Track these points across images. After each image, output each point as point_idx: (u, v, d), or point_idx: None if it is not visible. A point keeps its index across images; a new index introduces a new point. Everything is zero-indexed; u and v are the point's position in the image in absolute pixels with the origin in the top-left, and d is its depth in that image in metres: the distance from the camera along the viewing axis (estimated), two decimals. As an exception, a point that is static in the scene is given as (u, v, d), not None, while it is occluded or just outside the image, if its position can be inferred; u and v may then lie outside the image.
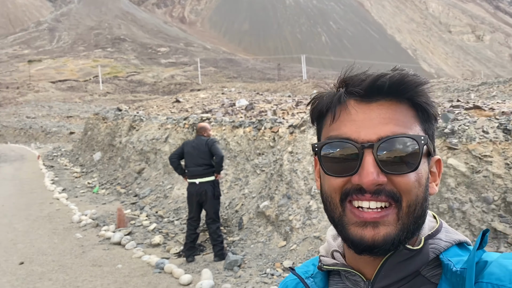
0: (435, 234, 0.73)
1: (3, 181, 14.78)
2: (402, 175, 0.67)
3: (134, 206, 9.79)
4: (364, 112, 0.70)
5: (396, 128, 0.68)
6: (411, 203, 0.68)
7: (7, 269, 5.95)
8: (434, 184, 0.76)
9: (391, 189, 0.67)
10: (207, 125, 6.32)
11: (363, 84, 0.71)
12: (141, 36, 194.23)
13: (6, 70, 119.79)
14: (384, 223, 0.67)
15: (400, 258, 0.70)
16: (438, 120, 0.81)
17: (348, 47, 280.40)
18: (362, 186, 0.67)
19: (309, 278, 0.81)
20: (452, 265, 0.67)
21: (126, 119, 15.65)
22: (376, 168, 0.66)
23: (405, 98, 0.71)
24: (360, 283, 0.74)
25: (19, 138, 42.57)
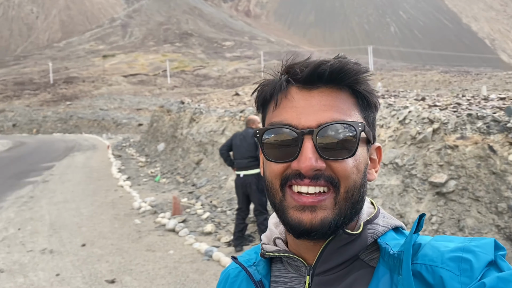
0: (373, 220, 0.76)
1: (75, 169, 15.87)
2: (340, 161, 0.69)
3: (191, 195, 10.11)
4: (305, 99, 0.72)
5: (336, 114, 0.70)
6: (349, 188, 0.70)
7: (71, 250, 6.41)
8: (374, 171, 0.78)
9: (330, 175, 0.69)
10: (256, 118, 6.35)
11: (304, 71, 0.72)
12: (207, 31, 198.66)
13: (83, 64, 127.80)
14: (321, 207, 0.69)
15: (340, 243, 0.72)
16: (379, 108, 0.82)
17: (419, 37, 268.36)
18: (301, 172, 0.69)
19: (252, 266, 0.82)
20: (390, 248, 0.70)
21: (188, 111, 16.14)
22: (315, 153, 0.68)
23: (346, 86, 0.73)
24: (301, 268, 0.77)
25: (92, 129, 45.39)
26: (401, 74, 57.80)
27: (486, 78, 44.29)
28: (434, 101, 10.97)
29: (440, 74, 54.43)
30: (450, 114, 6.47)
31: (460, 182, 5.34)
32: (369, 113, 0.76)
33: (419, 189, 5.68)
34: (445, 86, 42.09)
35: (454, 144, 5.63)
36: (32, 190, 11.60)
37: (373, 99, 0.75)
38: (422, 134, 6.11)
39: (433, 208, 5.41)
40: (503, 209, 4.78)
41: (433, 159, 5.75)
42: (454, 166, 5.47)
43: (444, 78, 50.33)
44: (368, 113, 0.76)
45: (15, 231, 7.55)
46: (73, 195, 10.70)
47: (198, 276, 5.28)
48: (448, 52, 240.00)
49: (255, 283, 0.79)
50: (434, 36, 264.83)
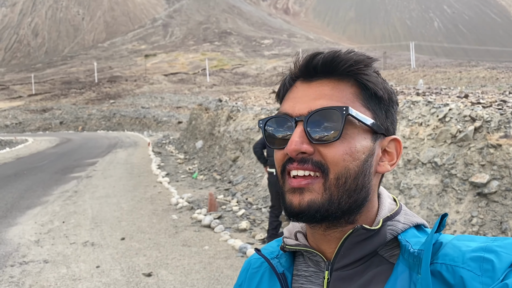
0: (394, 216, 0.76)
1: (116, 165, 16.38)
2: (329, 146, 0.70)
3: (227, 192, 10.22)
4: (304, 90, 0.75)
5: (328, 102, 0.72)
6: (340, 175, 0.70)
7: (111, 243, 6.63)
8: (388, 163, 0.77)
9: (319, 160, 0.70)
10: None
11: (301, 66, 0.76)
12: (246, 29, 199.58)
13: (126, 64, 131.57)
14: (309, 190, 0.71)
15: (358, 238, 0.72)
16: (397, 103, 0.81)
17: (464, 32, 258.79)
18: (289, 155, 0.72)
19: (275, 259, 0.83)
20: (410, 246, 0.69)
21: (225, 109, 16.30)
22: (302, 137, 0.70)
23: (346, 76, 0.74)
24: (320, 263, 0.77)
25: (134, 127, 46.69)
26: (444, 71, 55.96)
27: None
28: (478, 99, 10.57)
29: (486, 71, 52.29)
30: (493, 112, 6.21)
31: (503, 182, 5.13)
32: (377, 104, 0.76)
33: (459, 189, 5.50)
34: (492, 82, 40.43)
35: (497, 143, 5.41)
36: (76, 185, 12.08)
37: (377, 90, 0.74)
38: (463, 133, 5.91)
39: (474, 209, 5.23)
40: (550, 211, 4.55)
41: (474, 159, 5.55)
42: (497, 166, 5.26)
43: (491, 75, 48.32)
44: (375, 104, 0.75)
45: (60, 224, 7.90)
46: (114, 190, 11.05)
47: (232, 272, 5.34)
48: (496, 48, 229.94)
49: (278, 275, 0.80)
50: (480, 31, 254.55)
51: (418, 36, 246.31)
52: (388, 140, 0.78)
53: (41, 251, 6.36)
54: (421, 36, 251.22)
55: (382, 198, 0.79)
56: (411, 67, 71.16)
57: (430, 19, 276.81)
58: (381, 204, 0.78)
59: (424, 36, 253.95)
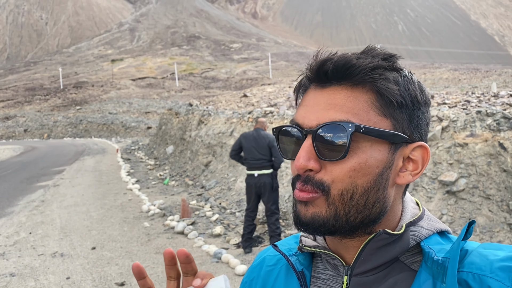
0: (417, 222, 0.72)
1: (84, 173, 15.98)
2: (336, 163, 0.66)
3: (200, 197, 10.12)
4: (316, 97, 0.71)
5: (337, 114, 0.67)
6: (345, 191, 0.66)
7: (81, 253, 6.44)
8: (410, 173, 0.71)
9: (320, 179, 0.67)
10: (265, 120, 6.46)
11: (313, 70, 0.71)
12: (214, 33, 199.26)
13: (92, 69, 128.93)
14: (312, 204, 0.68)
15: (380, 243, 0.69)
16: (428, 103, 0.73)
17: (427, 35, 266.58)
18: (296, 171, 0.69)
19: (293, 256, 0.80)
20: (434, 253, 0.66)
21: (196, 113, 16.18)
22: (310, 153, 0.67)
23: (362, 82, 0.68)
24: (339, 268, 0.74)
25: (102, 133, 45.74)
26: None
27: (496, 75, 43.87)
28: (443, 99, 10.90)
29: (449, 72, 54.01)
30: (459, 112, 6.40)
31: (471, 180, 5.28)
32: (396, 110, 0.68)
33: (428, 188, 5.63)
34: (455, 83, 41.76)
35: (464, 142, 5.57)
36: (43, 194, 11.69)
37: (394, 97, 0.67)
38: (431, 133, 6.05)
39: (443, 207, 5.36)
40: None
41: (442, 158, 5.70)
42: (464, 164, 5.41)
43: (453, 76, 49.93)
44: (394, 110, 0.68)
45: (26, 235, 7.61)
46: (83, 198, 10.76)
47: (207, 278, 5.28)
48: (457, 50, 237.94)
49: (297, 273, 0.77)
50: (442, 33, 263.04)
51: (383, 39, 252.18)
52: (412, 147, 0.71)
53: (7, 264, 6.11)
54: (386, 39, 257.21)
55: (405, 202, 0.76)
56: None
57: (394, 23, 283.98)
58: (404, 208, 0.75)
59: (389, 39, 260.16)
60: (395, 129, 0.68)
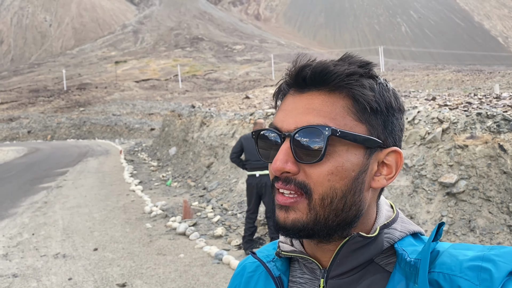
0: (391, 224, 0.74)
1: (87, 174, 16.04)
2: (313, 166, 0.68)
3: (202, 198, 10.15)
4: (294, 102, 0.72)
5: (315, 118, 0.69)
6: (325, 195, 0.68)
7: (83, 254, 6.48)
8: (385, 177, 0.74)
9: (302, 181, 0.69)
10: (263, 121, 6.47)
11: (292, 76, 0.74)
12: (217, 35, 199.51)
13: (96, 71, 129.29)
14: (294, 209, 0.70)
15: (354, 246, 0.71)
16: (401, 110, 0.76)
17: (430, 36, 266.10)
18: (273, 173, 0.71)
19: (271, 262, 0.82)
20: (406, 255, 0.68)
21: (199, 115, 16.23)
22: (287, 156, 0.69)
23: (338, 88, 0.70)
24: (316, 271, 0.76)
25: (105, 134, 45.89)
26: (412, 74, 57.33)
27: (500, 76, 43.73)
28: (445, 101, 10.88)
29: (452, 73, 53.85)
30: (459, 114, 6.41)
31: (471, 182, 5.29)
32: (372, 116, 0.71)
33: (429, 189, 5.64)
34: (458, 85, 41.66)
35: (464, 143, 5.58)
36: (46, 195, 11.76)
37: (370, 103, 0.69)
38: (431, 134, 6.07)
39: (444, 208, 5.37)
40: (515, 208, 4.72)
41: (442, 159, 5.71)
42: (464, 166, 5.42)
43: (456, 77, 49.79)
44: (369, 116, 0.70)
45: (29, 236, 7.67)
46: (86, 200, 10.82)
47: (208, 279, 5.31)
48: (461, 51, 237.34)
49: (274, 279, 0.79)
50: (446, 35, 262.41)
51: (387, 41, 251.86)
52: (386, 152, 0.73)
53: (9, 265, 6.16)
54: (389, 40, 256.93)
55: (379, 205, 0.77)
56: (381, 71, 72.60)
57: (397, 24, 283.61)
58: (379, 211, 0.76)
59: (392, 40, 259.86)
60: (370, 134, 0.70)
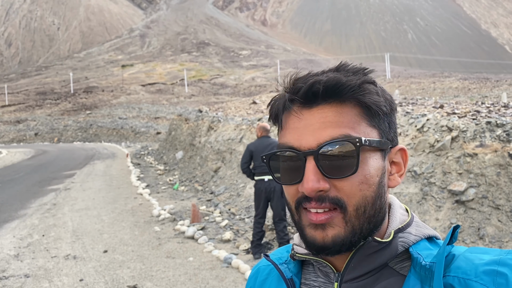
0: (406, 228, 0.75)
1: (95, 177, 16.15)
2: (344, 180, 0.69)
3: (209, 203, 10.21)
4: (305, 118, 0.72)
5: (335, 131, 0.69)
6: (359, 205, 0.70)
7: (93, 256, 6.55)
8: (398, 175, 0.77)
9: (335, 196, 0.69)
10: (267, 125, 6.49)
11: (300, 91, 0.72)
12: (224, 40, 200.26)
13: (102, 74, 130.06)
14: (331, 225, 0.70)
15: (369, 251, 0.72)
16: (397, 109, 0.79)
17: (436, 44, 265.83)
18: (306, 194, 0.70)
19: (283, 264, 0.82)
20: (422, 258, 0.69)
21: (206, 120, 16.32)
22: (317, 174, 0.68)
23: (348, 98, 0.71)
24: (330, 274, 0.77)
25: (111, 138, 46.11)
26: (419, 82, 57.28)
27: (507, 84, 43.62)
28: (453, 109, 10.90)
29: (459, 81, 53.78)
30: (469, 122, 6.45)
31: (480, 190, 5.32)
32: (381, 120, 0.74)
33: (438, 197, 5.67)
34: (464, 93, 41.61)
35: (473, 152, 5.61)
36: (54, 197, 11.86)
37: (381, 108, 0.73)
38: (440, 142, 6.10)
39: (453, 216, 5.39)
40: (524, 217, 4.74)
41: (452, 167, 5.74)
42: (474, 174, 5.45)
43: (463, 85, 49.72)
44: (379, 120, 0.74)
45: (40, 237, 7.75)
46: (94, 202, 10.91)
47: (217, 283, 5.35)
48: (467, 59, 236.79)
49: (286, 280, 0.79)
50: (452, 42, 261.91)
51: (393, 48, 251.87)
52: (394, 151, 0.77)
53: (21, 266, 6.23)
54: (395, 47, 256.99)
55: (393, 209, 0.78)
56: (387, 78, 72.58)
57: (404, 31, 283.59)
58: (392, 215, 0.77)
59: (399, 47, 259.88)
60: (382, 137, 0.73)
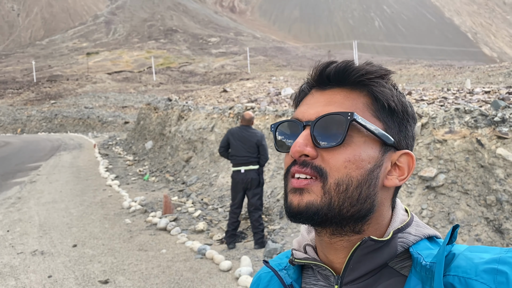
0: (405, 228, 0.74)
1: (62, 169, 15.68)
2: (332, 152, 0.71)
3: (181, 193, 10.08)
4: (317, 97, 0.77)
5: (337, 108, 0.73)
6: (341, 181, 0.70)
7: (62, 251, 6.35)
8: (397, 178, 0.76)
9: (319, 165, 0.71)
10: (252, 114, 6.44)
11: (315, 74, 0.78)
12: (192, 27, 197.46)
13: (66, 62, 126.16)
14: (308, 191, 0.71)
15: (366, 250, 0.71)
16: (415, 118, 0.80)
17: (402, 31, 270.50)
18: (292, 156, 0.72)
19: (282, 270, 0.82)
20: (422, 258, 0.68)
21: (176, 109, 16.06)
22: (307, 140, 0.71)
23: (359, 86, 0.75)
24: (330, 278, 0.76)
25: (78, 128, 44.91)
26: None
27: (469, 71, 44.93)
28: (421, 96, 11.11)
29: (424, 68, 55.07)
30: (437, 109, 6.55)
31: (450, 176, 5.43)
32: (388, 116, 0.75)
33: (409, 183, 5.76)
34: (430, 79, 42.57)
35: (443, 138, 5.71)
36: (19, 191, 11.43)
37: (388, 101, 0.74)
38: (411, 129, 6.18)
39: (423, 202, 5.49)
40: (492, 201, 4.87)
41: (422, 154, 5.83)
42: (443, 160, 5.55)
43: (428, 72, 50.91)
44: (386, 115, 0.75)
45: (4, 233, 7.45)
46: (61, 195, 10.58)
47: (192, 274, 5.28)
48: (432, 46, 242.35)
49: (286, 286, 0.79)
50: (417, 30, 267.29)
51: (360, 35, 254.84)
52: (399, 154, 0.76)
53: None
54: (363, 35, 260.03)
55: (396, 210, 0.78)
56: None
57: (371, 19, 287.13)
58: (394, 215, 0.77)
59: (366, 35, 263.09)
60: (385, 131, 0.74)
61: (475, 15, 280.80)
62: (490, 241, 4.70)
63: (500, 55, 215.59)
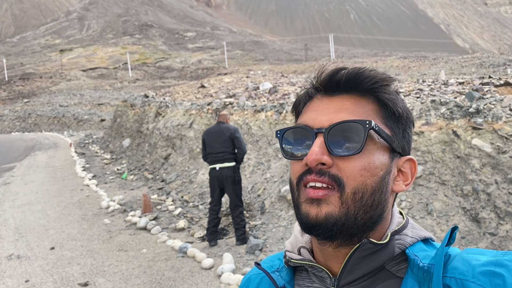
0: (402, 230, 0.75)
1: (37, 169, 15.32)
2: (347, 160, 0.70)
3: (161, 191, 9.97)
4: (325, 103, 0.76)
5: (349, 116, 0.72)
6: (357, 189, 0.69)
7: (39, 254, 6.20)
8: (403, 183, 0.77)
9: (336, 173, 0.70)
10: (227, 113, 6.45)
11: (325, 79, 0.77)
12: (168, 22, 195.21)
13: (39, 60, 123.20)
14: (326, 202, 0.70)
15: (365, 253, 0.71)
16: (414, 123, 0.82)
17: (377, 24, 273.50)
18: (308, 165, 0.71)
19: (275, 272, 0.82)
20: (419, 260, 0.69)
21: (153, 105, 15.86)
22: (322, 148, 0.70)
23: (367, 93, 0.75)
24: (326, 280, 0.76)
25: (53, 126, 43.94)
26: (362, 61, 58.91)
27: (443, 62, 45.78)
28: (397, 88, 11.25)
29: (399, 60, 55.86)
30: (414, 101, 6.63)
31: (427, 167, 5.50)
32: (395, 122, 0.76)
33: (388, 175, 5.83)
34: (405, 71, 43.20)
35: (420, 130, 5.79)
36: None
37: (396, 108, 0.75)
38: (388, 122, 6.24)
39: (402, 193, 5.56)
40: (468, 191, 4.96)
41: (400, 146, 5.90)
42: (421, 151, 5.63)
43: (403, 64, 51.68)
44: (393, 122, 0.75)
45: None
46: (37, 196, 10.34)
47: (173, 273, 5.23)
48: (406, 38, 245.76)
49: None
50: (392, 22, 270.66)
51: (336, 28, 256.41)
52: (403, 160, 0.77)
53: (-42, 270, 5.79)
54: (338, 28, 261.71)
55: (392, 212, 0.79)
56: (331, 58, 74.08)
57: (346, 12, 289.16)
58: (392, 217, 0.78)
59: (342, 28, 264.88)
60: (394, 139, 0.75)
61: (447, 7, 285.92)
62: (467, 230, 4.80)
63: (472, 46, 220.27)
